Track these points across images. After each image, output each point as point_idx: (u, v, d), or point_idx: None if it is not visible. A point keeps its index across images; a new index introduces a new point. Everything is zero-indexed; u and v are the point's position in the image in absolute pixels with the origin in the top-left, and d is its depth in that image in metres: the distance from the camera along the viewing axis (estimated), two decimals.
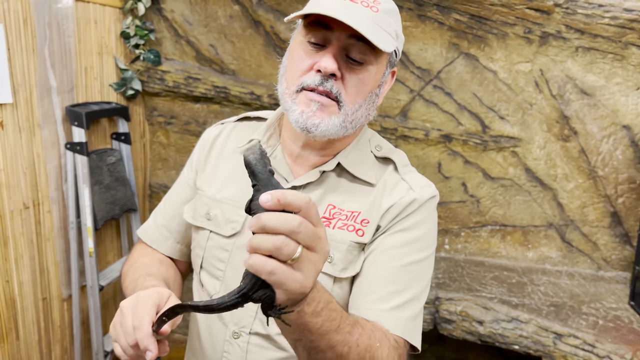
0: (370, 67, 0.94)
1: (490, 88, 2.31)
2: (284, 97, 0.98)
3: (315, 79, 0.92)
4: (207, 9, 2.41)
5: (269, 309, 0.66)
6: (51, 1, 1.95)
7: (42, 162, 2.00)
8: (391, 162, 1.07)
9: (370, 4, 0.91)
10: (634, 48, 2.14)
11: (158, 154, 2.68)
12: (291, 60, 0.97)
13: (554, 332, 1.92)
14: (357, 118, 0.97)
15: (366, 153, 1.07)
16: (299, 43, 0.96)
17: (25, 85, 1.89)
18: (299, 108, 0.94)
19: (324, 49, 0.93)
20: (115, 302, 2.55)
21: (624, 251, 2.37)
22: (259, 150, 0.69)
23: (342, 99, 0.93)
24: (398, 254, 0.97)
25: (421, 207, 1.01)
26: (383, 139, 1.12)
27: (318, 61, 0.92)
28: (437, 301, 2.10)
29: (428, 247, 1.01)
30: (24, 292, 1.97)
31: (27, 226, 1.96)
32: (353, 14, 0.88)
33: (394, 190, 1.02)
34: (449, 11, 2.22)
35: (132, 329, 0.80)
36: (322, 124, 0.93)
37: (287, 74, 0.98)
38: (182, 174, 1.22)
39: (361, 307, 0.94)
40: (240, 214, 1.05)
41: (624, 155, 2.27)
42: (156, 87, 2.47)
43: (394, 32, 0.95)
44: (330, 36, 0.91)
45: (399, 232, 0.99)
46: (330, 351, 0.77)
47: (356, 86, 0.94)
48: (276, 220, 0.61)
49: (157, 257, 1.17)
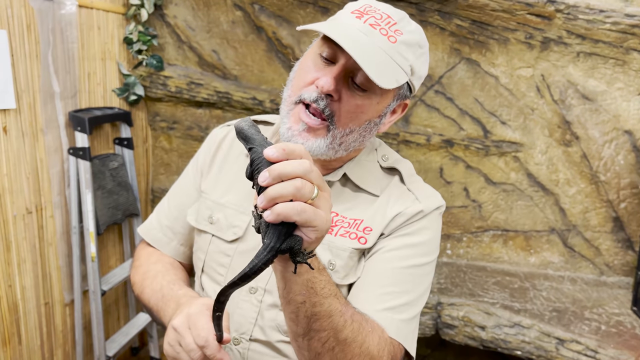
0: (373, 96, 0.93)
1: (491, 93, 2.32)
2: (284, 104, 0.98)
3: (312, 95, 0.92)
4: (209, 14, 2.43)
5: (297, 255, 0.70)
6: (55, 7, 1.96)
7: (45, 167, 2.00)
8: (397, 173, 1.07)
9: (389, 33, 0.90)
10: (635, 53, 2.15)
11: (160, 159, 2.68)
12: (300, 68, 0.98)
13: (557, 337, 1.92)
14: (347, 142, 0.97)
15: (372, 163, 1.07)
16: (312, 53, 0.96)
17: (29, 90, 1.89)
18: (288, 123, 0.95)
19: (332, 65, 0.92)
20: (117, 306, 2.55)
21: (626, 256, 2.36)
22: (250, 121, 0.74)
23: (333, 121, 0.93)
24: (398, 256, 0.97)
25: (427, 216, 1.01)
26: (390, 149, 1.12)
27: (320, 77, 0.92)
28: (439, 306, 2.10)
29: (429, 254, 1.01)
30: (26, 297, 1.97)
31: (30, 231, 1.97)
32: (363, 43, 0.87)
33: (399, 200, 1.02)
34: (450, 17, 2.23)
35: (196, 346, 0.83)
36: (305, 146, 0.93)
37: (294, 82, 0.98)
38: (187, 174, 1.21)
39: (356, 305, 0.94)
40: (243, 219, 1.05)
41: (626, 160, 2.27)
42: (159, 92, 2.48)
43: (408, 66, 0.93)
44: (340, 55, 0.91)
45: (402, 235, 0.99)
46: (329, 320, 0.78)
47: (352, 112, 0.93)
48: (291, 165, 0.64)
49: (167, 261, 1.18)
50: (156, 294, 1.05)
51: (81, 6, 2.10)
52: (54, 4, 1.96)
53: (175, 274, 1.12)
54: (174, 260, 1.20)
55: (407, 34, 0.92)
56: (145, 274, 1.13)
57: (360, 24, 0.89)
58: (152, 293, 1.07)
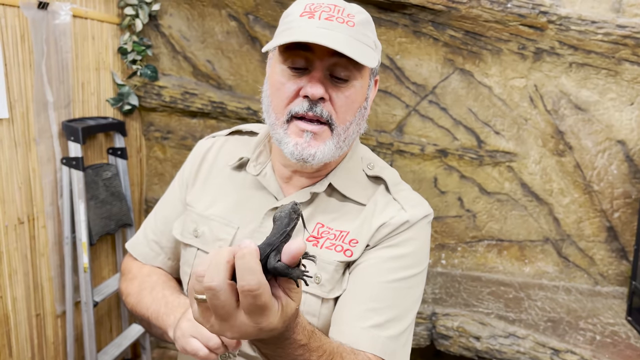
0: (355, 82, 0.93)
1: (485, 103, 2.33)
2: (275, 129, 0.95)
3: (303, 105, 0.91)
4: (204, 25, 2.43)
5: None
6: (49, 17, 1.96)
7: (37, 177, 1.99)
8: (382, 182, 1.04)
9: (345, 19, 0.90)
10: (627, 64, 2.17)
11: (154, 169, 2.67)
12: (274, 89, 0.95)
13: (552, 347, 1.91)
14: (349, 135, 0.96)
15: (357, 172, 1.05)
16: (277, 70, 0.94)
17: (22, 100, 1.89)
18: (292, 140, 0.93)
19: (306, 72, 0.91)
20: (110, 318, 2.52)
21: (620, 266, 2.37)
22: (288, 211, 0.68)
23: (333, 121, 0.93)
24: (382, 270, 0.95)
25: (413, 226, 0.99)
26: (375, 156, 1.10)
27: (303, 86, 0.90)
28: (433, 317, 2.09)
29: (416, 265, 0.98)
30: (17, 308, 1.95)
31: (22, 241, 1.95)
32: (332, 35, 0.87)
33: (385, 210, 1.00)
34: (443, 27, 2.25)
35: None
36: (318, 153, 0.92)
37: (274, 103, 0.95)
38: (173, 187, 1.20)
39: (341, 323, 0.92)
40: (228, 232, 1.03)
41: (619, 170, 2.28)
42: (153, 102, 2.48)
43: (372, 43, 0.95)
44: (312, 58, 0.90)
45: (387, 247, 0.97)
46: None
47: (345, 105, 0.93)
48: None
49: (161, 273, 1.16)
50: (158, 301, 1.03)
51: (75, 16, 2.10)
52: (48, 14, 1.96)
53: (174, 286, 1.11)
54: (167, 273, 1.18)
55: (358, 14, 0.93)
56: (141, 284, 1.11)
57: (317, 22, 0.89)
58: (152, 301, 1.05)
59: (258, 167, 1.06)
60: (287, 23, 0.93)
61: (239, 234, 1.02)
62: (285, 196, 1.03)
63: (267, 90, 0.99)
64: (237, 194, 1.06)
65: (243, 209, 1.04)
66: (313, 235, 0.99)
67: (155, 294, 1.06)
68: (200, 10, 2.41)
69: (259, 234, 1.00)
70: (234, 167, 1.09)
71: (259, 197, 1.04)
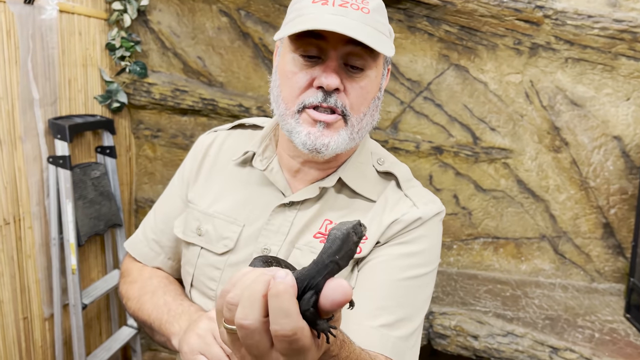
0: (370, 72, 0.90)
1: (480, 99, 2.30)
2: (285, 119, 0.92)
3: (317, 96, 0.88)
4: (194, 20, 2.38)
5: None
6: (35, 12, 1.91)
7: (23, 177, 1.94)
8: (393, 177, 1.02)
9: (360, 6, 0.87)
10: (624, 59, 2.15)
11: (144, 168, 2.62)
12: (285, 79, 0.91)
13: (550, 346, 1.89)
14: (363, 127, 0.94)
15: (367, 167, 1.02)
16: (289, 60, 0.90)
17: (7, 97, 1.83)
18: (305, 129, 0.89)
19: (319, 61, 0.88)
20: (99, 320, 2.47)
21: (617, 262, 2.35)
22: (347, 231, 0.56)
23: (348, 112, 0.90)
24: (394, 267, 0.92)
25: (425, 223, 0.96)
26: (385, 151, 1.07)
27: (317, 77, 0.87)
28: (430, 316, 2.06)
29: (428, 264, 0.96)
30: (4, 311, 1.90)
31: (8, 243, 1.90)
32: (348, 22, 0.84)
33: (396, 206, 0.97)
34: (438, 23, 2.22)
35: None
36: (332, 143, 0.89)
37: (284, 93, 0.92)
38: (173, 184, 1.16)
39: (348, 321, 0.89)
40: (233, 230, 1.00)
41: (615, 166, 2.27)
42: (142, 99, 2.43)
43: (387, 30, 0.92)
44: (326, 46, 0.86)
45: (399, 244, 0.95)
46: None
47: (360, 96, 0.90)
48: None
49: (162, 275, 1.13)
50: (159, 308, 1.00)
51: (62, 11, 2.05)
52: (34, 9, 1.90)
53: (176, 289, 1.07)
54: (168, 274, 1.15)
55: (372, 1, 0.90)
56: (142, 289, 1.08)
57: (331, 8, 0.85)
58: (153, 308, 1.02)
59: (264, 162, 1.02)
60: (298, 10, 0.89)
61: (245, 232, 0.99)
62: (293, 192, 0.99)
63: (277, 80, 0.95)
64: (242, 191, 1.03)
65: (249, 206, 1.01)
66: (320, 232, 0.96)
67: (156, 300, 1.03)
68: (191, 5, 2.36)
69: (266, 232, 0.97)
70: (238, 163, 1.05)
71: (265, 194, 1.01)
